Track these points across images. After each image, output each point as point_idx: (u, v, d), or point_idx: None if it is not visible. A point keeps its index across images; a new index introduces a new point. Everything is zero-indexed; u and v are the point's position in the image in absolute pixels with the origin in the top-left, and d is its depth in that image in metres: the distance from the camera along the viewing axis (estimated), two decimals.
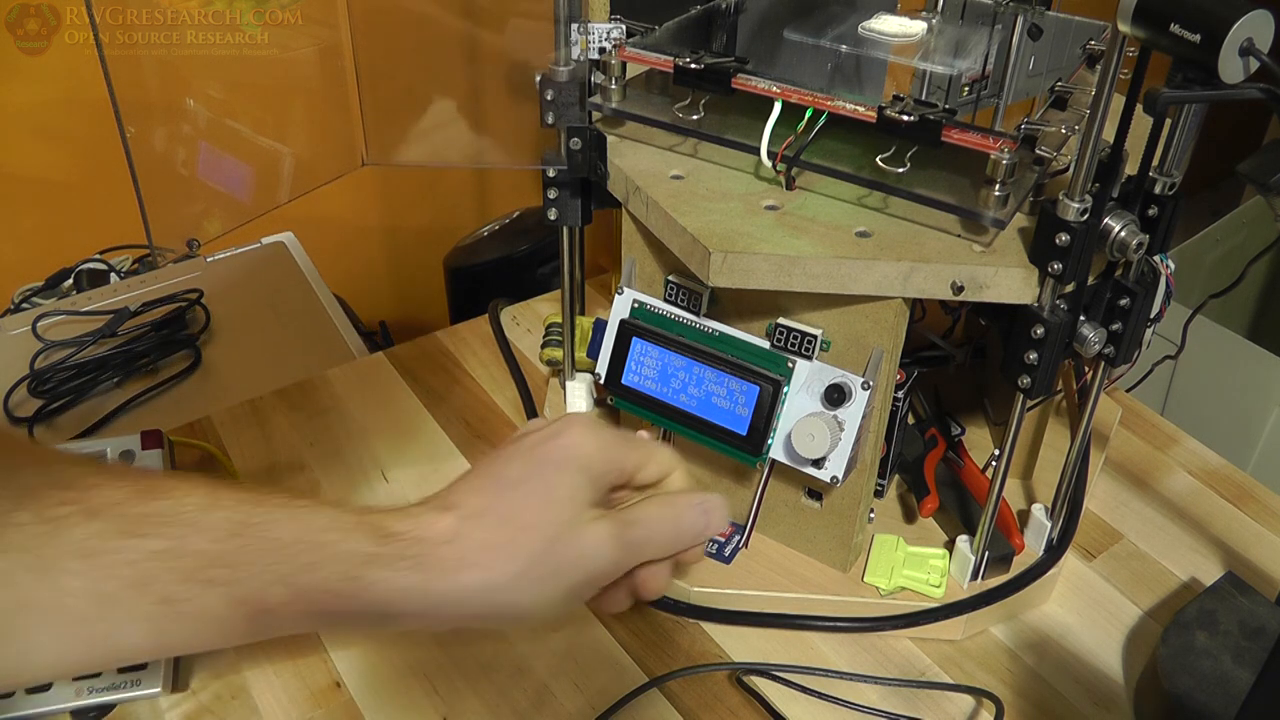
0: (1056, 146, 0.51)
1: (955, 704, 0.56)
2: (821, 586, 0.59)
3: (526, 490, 0.43)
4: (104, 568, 0.36)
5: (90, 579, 0.36)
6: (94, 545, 0.36)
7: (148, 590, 0.37)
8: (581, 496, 0.44)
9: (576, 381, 0.69)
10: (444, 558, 0.41)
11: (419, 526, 0.41)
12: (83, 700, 0.52)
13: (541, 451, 0.44)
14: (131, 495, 0.37)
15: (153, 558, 0.37)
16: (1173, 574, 0.64)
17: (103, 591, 0.36)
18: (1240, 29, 0.39)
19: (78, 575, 0.36)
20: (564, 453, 0.44)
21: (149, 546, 0.37)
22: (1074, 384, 0.67)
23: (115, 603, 0.37)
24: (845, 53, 0.63)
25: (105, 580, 0.36)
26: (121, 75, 0.53)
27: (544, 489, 0.43)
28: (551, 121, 0.57)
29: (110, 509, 0.37)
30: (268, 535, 0.39)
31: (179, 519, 0.38)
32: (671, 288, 0.57)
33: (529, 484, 0.43)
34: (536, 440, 0.45)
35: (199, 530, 0.38)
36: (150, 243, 0.56)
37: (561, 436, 0.44)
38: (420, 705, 0.55)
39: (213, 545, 0.38)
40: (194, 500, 0.38)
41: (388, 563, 0.40)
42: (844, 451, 0.53)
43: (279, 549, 0.39)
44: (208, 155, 0.61)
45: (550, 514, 0.43)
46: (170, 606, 0.37)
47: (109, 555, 0.36)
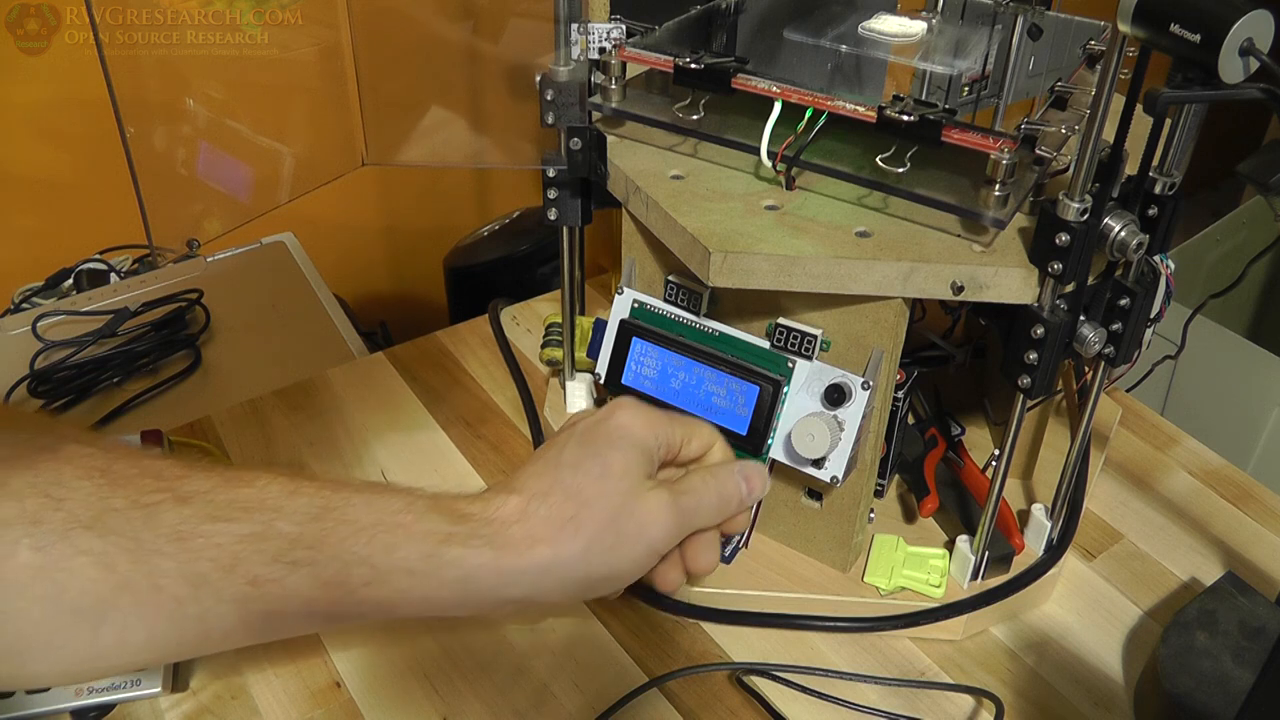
0: (1056, 146, 0.51)
1: (955, 704, 0.56)
2: (821, 586, 0.59)
3: (585, 469, 0.45)
4: (195, 550, 0.38)
5: (182, 560, 0.38)
6: (185, 529, 0.38)
7: (236, 571, 0.38)
8: (636, 471, 0.46)
9: (576, 381, 0.69)
10: (515, 536, 0.43)
11: (489, 508, 0.44)
12: (83, 700, 0.52)
13: (595, 434, 0.47)
14: (218, 484, 0.39)
15: (240, 541, 0.39)
16: (1173, 574, 0.64)
17: (195, 572, 0.38)
18: (1240, 29, 0.39)
19: (171, 558, 0.37)
20: (616, 432, 0.47)
21: (236, 530, 0.39)
22: (1074, 384, 0.67)
23: (206, 583, 0.38)
24: (845, 53, 0.63)
25: (196, 562, 0.38)
26: (121, 75, 0.53)
27: (601, 467, 0.46)
28: (551, 121, 0.57)
29: (199, 496, 0.39)
30: (347, 518, 0.41)
31: (264, 504, 0.39)
32: (671, 288, 0.57)
33: (587, 464, 0.46)
34: (588, 425, 0.48)
35: (283, 515, 0.39)
36: (150, 243, 0.56)
37: (611, 419, 0.48)
38: (420, 705, 0.55)
39: (296, 528, 0.40)
40: (276, 488, 0.40)
41: (462, 541, 0.42)
42: (844, 451, 0.53)
43: (359, 530, 0.41)
44: (208, 155, 0.61)
45: (610, 488, 0.45)
46: (259, 588, 0.39)
47: (199, 539, 0.38)
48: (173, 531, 0.38)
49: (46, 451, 0.37)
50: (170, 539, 0.37)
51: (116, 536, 0.37)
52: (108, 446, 0.39)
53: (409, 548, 0.41)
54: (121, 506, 0.37)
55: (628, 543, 0.45)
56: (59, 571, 0.36)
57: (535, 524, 0.44)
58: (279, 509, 0.40)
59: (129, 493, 0.37)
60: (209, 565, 0.38)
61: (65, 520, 0.36)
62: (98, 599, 0.37)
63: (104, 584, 0.37)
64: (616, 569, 0.45)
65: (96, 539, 0.36)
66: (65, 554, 0.36)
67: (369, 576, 0.41)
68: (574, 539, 0.44)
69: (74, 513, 0.36)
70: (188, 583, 0.38)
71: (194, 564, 0.38)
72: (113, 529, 0.37)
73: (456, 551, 0.42)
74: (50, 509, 0.36)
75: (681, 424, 0.50)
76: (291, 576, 0.39)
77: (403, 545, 0.41)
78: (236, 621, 0.40)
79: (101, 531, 0.36)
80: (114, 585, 0.37)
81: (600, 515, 0.45)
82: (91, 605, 0.37)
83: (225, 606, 0.39)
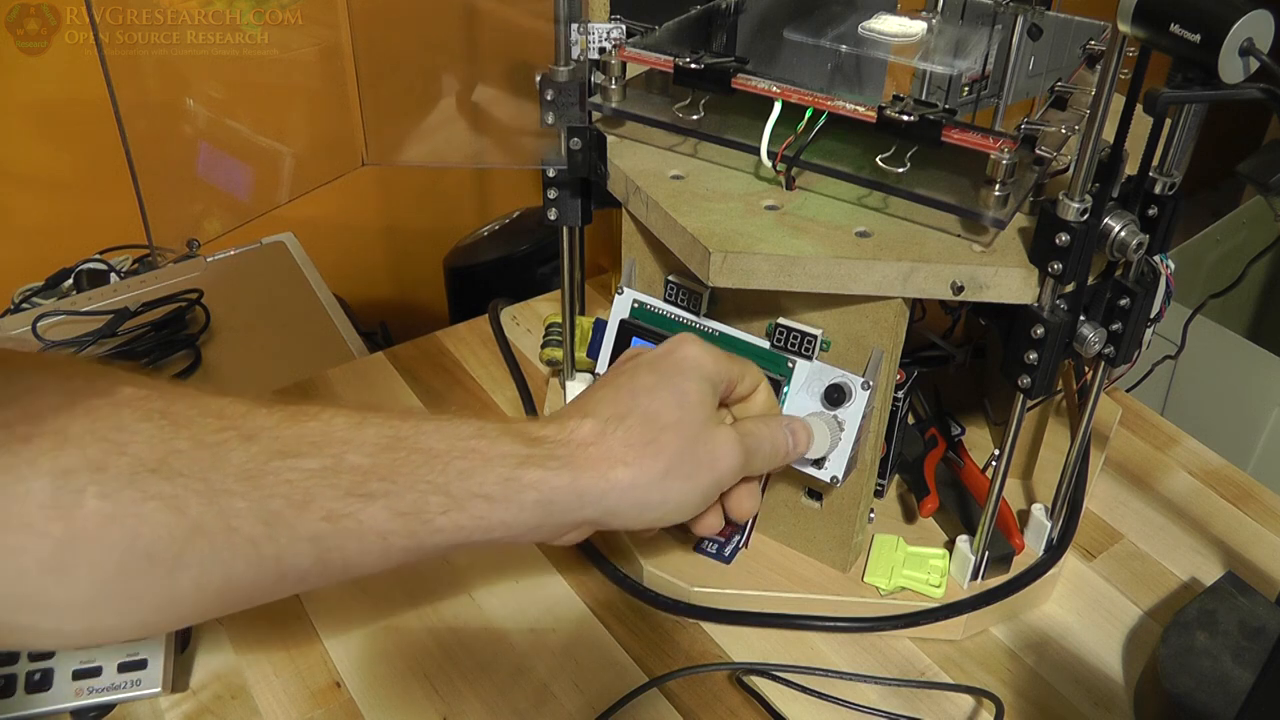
0: (1056, 146, 0.51)
1: (955, 704, 0.56)
2: (821, 586, 0.59)
3: (662, 396, 0.45)
4: (266, 488, 0.37)
5: (254, 499, 0.36)
6: (254, 467, 0.37)
7: (310, 507, 0.37)
8: (709, 402, 0.47)
9: (576, 381, 0.69)
10: (593, 457, 0.43)
11: (563, 431, 0.43)
12: (83, 700, 0.52)
13: (665, 364, 0.47)
14: (282, 419, 0.38)
15: (311, 476, 0.37)
16: (1173, 574, 0.64)
17: (268, 510, 0.37)
18: (1240, 29, 0.39)
19: (242, 497, 0.36)
20: (687, 363, 0.47)
21: (307, 465, 0.37)
22: (1074, 384, 0.67)
23: (281, 521, 0.37)
24: (845, 53, 0.63)
25: (269, 500, 0.37)
26: (121, 75, 0.53)
27: (678, 394, 0.45)
28: (551, 121, 0.57)
29: (264, 432, 0.37)
30: (420, 446, 0.40)
31: (332, 437, 0.38)
32: (671, 288, 0.57)
33: (661, 390, 0.45)
34: (656, 356, 0.48)
35: (353, 447, 0.38)
36: (150, 243, 0.56)
37: (679, 351, 0.48)
38: (420, 705, 0.55)
39: (368, 460, 0.39)
40: (342, 420, 0.39)
41: (540, 463, 0.42)
42: (844, 451, 0.53)
43: (433, 458, 0.40)
44: (208, 155, 0.61)
45: (687, 416, 0.45)
46: (334, 523, 0.38)
47: (269, 475, 0.37)
48: (241, 470, 0.36)
49: (102, 396, 0.35)
50: (239, 478, 0.36)
51: (185, 478, 0.35)
52: (163, 388, 0.37)
53: (486, 472, 0.41)
54: (186, 448, 0.36)
55: (702, 471, 0.45)
56: (129, 518, 0.34)
57: (613, 445, 0.43)
58: (348, 441, 0.38)
59: (192, 433, 0.36)
60: (282, 503, 0.37)
61: (130, 465, 0.35)
62: (172, 543, 0.35)
63: (177, 528, 0.35)
64: (688, 497, 0.45)
65: (164, 482, 0.35)
66: (134, 499, 0.34)
67: (446, 504, 0.40)
68: (654, 462, 0.43)
69: (139, 456, 0.35)
70: (262, 522, 0.37)
71: (267, 502, 0.37)
72: (180, 471, 0.35)
73: (535, 474, 0.41)
74: (114, 454, 0.34)
75: (738, 363, 0.50)
76: (367, 509, 0.38)
77: (479, 470, 0.40)
78: (313, 561, 0.38)
79: (168, 474, 0.35)
80: (187, 528, 0.35)
81: (679, 441, 0.44)
82: (166, 550, 0.35)
83: (301, 545, 0.38)
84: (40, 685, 0.51)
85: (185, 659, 0.56)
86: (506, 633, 0.59)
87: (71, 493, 0.34)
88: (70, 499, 0.34)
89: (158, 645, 0.53)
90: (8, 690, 0.51)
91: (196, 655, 0.57)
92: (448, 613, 0.60)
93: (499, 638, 0.58)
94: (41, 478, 0.33)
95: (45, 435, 0.34)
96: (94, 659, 0.52)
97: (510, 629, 0.59)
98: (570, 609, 0.60)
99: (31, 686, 0.51)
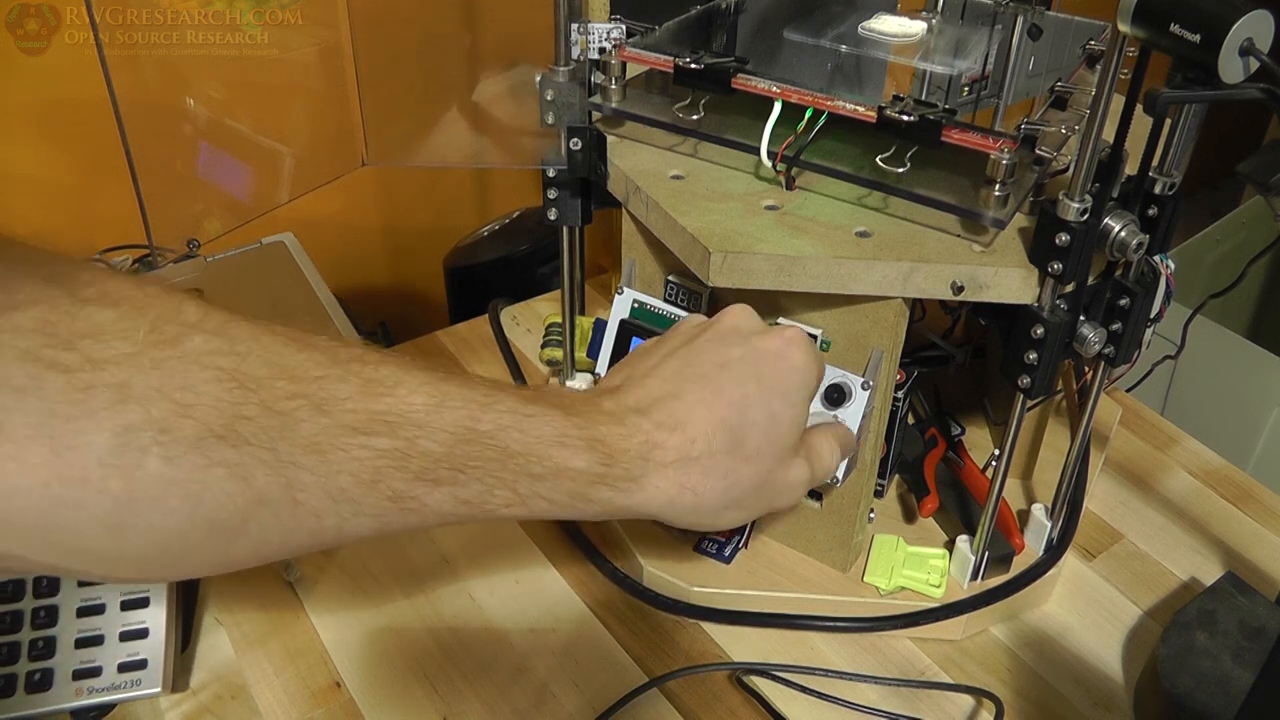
0: (1056, 146, 0.51)
1: (955, 704, 0.56)
2: (821, 586, 0.59)
3: (756, 415, 0.44)
4: (335, 463, 0.36)
5: (321, 474, 0.36)
6: (323, 440, 0.36)
7: (377, 487, 0.37)
8: (798, 430, 0.45)
9: (576, 381, 0.69)
10: (667, 478, 0.42)
11: (647, 446, 0.42)
12: (83, 700, 0.52)
13: (770, 371, 0.45)
14: (357, 391, 0.37)
15: (381, 456, 0.37)
16: (1173, 574, 0.64)
17: (335, 486, 0.36)
18: (1240, 29, 0.39)
19: (309, 471, 0.35)
20: (794, 375, 0.45)
21: (377, 445, 0.37)
22: (1074, 384, 0.67)
23: (346, 498, 0.36)
24: (845, 53, 0.63)
25: (337, 476, 0.36)
26: (121, 75, 0.53)
27: (772, 418, 0.44)
28: (551, 121, 0.57)
29: (337, 404, 0.36)
30: (496, 443, 0.39)
31: (407, 419, 0.37)
32: (671, 288, 0.57)
33: (758, 409, 0.44)
34: (759, 353, 0.45)
35: (427, 432, 0.38)
36: (150, 243, 0.56)
37: (788, 355, 0.45)
38: (420, 705, 0.55)
39: (443, 449, 0.38)
40: (420, 399, 0.38)
41: (613, 483, 0.41)
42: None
43: (507, 458, 0.39)
44: (208, 155, 0.61)
45: (772, 446, 0.44)
46: (399, 503, 0.38)
47: (339, 451, 0.36)
48: (310, 443, 0.35)
49: (170, 347, 0.34)
50: (308, 450, 0.35)
51: (251, 447, 0.34)
52: (236, 338, 0.36)
53: (557, 484, 0.40)
54: (255, 414, 0.34)
55: (763, 503, 0.45)
56: (193, 484, 0.33)
57: (691, 473, 0.42)
58: (423, 425, 0.38)
59: (262, 398, 0.35)
60: (349, 480, 0.36)
61: (196, 429, 0.33)
62: (235, 512, 0.34)
63: (241, 497, 0.34)
64: (738, 520, 0.45)
65: (231, 449, 0.34)
66: (199, 465, 0.33)
67: (510, 500, 0.40)
68: (721, 496, 0.43)
69: (205, 420, 0.33)
70: (328, 496, 0.36)
71: (335, 478, 0.36)
72: (247, 439, 0.34)
73: (605, 493, 0.41)
74: (179, 415, 0.33)
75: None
76: (433, 494, 0.38)
77: (550, 480, 0.40)
78: (371, 532, 0.38)
79: (235, 441, 0.34)
80: (251, 499, 0.35)
81: (755, 476, 0.44)
82: (229, 519, 0.35)
83: (363, 519, 0.37)
84: (40, 685, 0.51)
85: (185, 659, 0.56)
86: (506, 633, 0.59)
87: (135, 452, 0.33)
88: (132, 458, 0.33)
89: (158, 645, 0.53)
90: (8, 690, 0.51)
91: (196, 655, 0.57)
92: (448, 613, 0.60)
93: (499, 638, 0.58)
94: (102, 432, 0.32)
95: (108, 387, 0.32)
96: (94, 659, 0.52)
97: (510, 629, 0.59)
98: (570, 609, 0.60)
99: (31, 686, 0.51)
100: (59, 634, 0.52)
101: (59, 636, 0.52)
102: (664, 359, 0.46)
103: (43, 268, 0.34)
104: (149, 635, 0.53)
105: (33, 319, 0.32)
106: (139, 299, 0.35)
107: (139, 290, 0.35)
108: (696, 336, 0.47)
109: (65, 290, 0.34)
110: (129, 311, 0.34)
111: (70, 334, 0.33)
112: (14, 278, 0.33)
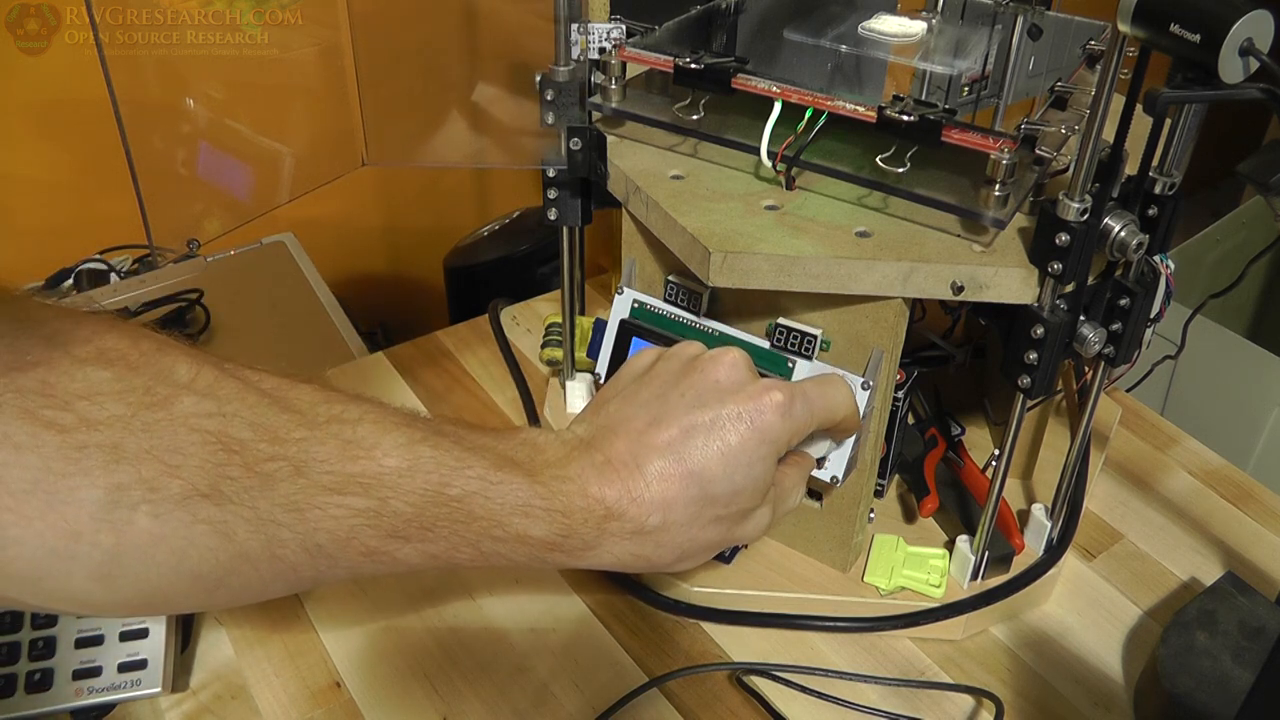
0: (1056, 146, 0.51)
1: (955, 704, 0.56)
2: (821, 586, 0.59)
3: (716, 496, 0.45)
4: (312, 521, 0.38)
5: (300, 531, 0.38)
6: (302, 500, 0.38)
7: (351, 544, 0.39)
8: (762, 493, 0.47)
9: (576, 381, 0.69)
10: (621, 547, 0.44)
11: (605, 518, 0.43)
12: (83, 700, 0.52)
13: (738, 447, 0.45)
14: (335, 453, 0.39)
15: (356, 515, 0.39)
16: (1173, 574, 0.64)
17: (312, 544, 0.39)
18: (1240, 29, 0.39)
19: (288, 528, 0.38)
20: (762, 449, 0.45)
21: (353, 505, 0.39)
22: (1074, 384, 0.67)
23: (323, 554, 0.39)
24: (845, 53, 0.63)
25: (314, 534, 0.38)
26: (121, 75, 0.53)
27: (734, 495, 0.45)
28: (551, 121, 0.57)
29: (315, 465, 0.38)
30: (463, 508, 0.41)
31: (381, 481, 0.40)
32: (671, 288, 0.57)
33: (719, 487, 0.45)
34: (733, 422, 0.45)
35: (399, 494, 0.40)
36: (150, 243, 0.56)
37: (760, 426, 0.45)
38: (420, 705, 0.55)
39: (412, 510, 0.40)
40: (394, 462, 0.40)
41: (568, 550, 0.43)
42: (844, 452, 0.53)
43: (472, 521, 0.41)
44: (208, 155, 0.61)
45: (731, 514, 0.46)
46: (370, 558, 0.40)
47: (316, 510, 0.38)
48: (289, 502, 0.38)
49: (161, 409, 0.36)
50: (287, 509, 0.38)
51: (234, 505, 0.37)
52: (223, 398, 0.38)
53: (518, 548, 0.43)
54: (238, 474, 0.37)
55: (717, 549, 0.47)
56: (178, 539, 0.36)
57: (645, 544, 0.44)
58: (396, 488, 0.40)
59: (245, 459, 0.37)
60: (326, 537, 0.39)
61: (183, 488, 0.36)
62: (217, 565, 0.37)
63: (223, 552, 0.37)
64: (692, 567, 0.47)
65: (215, 508, 0.36)
66: (184, 521, 0.36)
67: (473, 556, 0.42)
68: (674, 560, 0.45)
69: (191, 480, 0.36)
70: (305, 552, 0.39)
71: (312, 535, 0.38)
72: (230, 498, 0.37)
73: (560, 557, 0.43)
74: (167, 476, 0.36)
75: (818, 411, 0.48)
76: (403, 549, 0.40)
77: (510, 542, 0.42)
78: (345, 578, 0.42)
79: (219, 500, 0.36)
80: (233, 554, 0.37)
81: (716, 536, 0.46)
82: (211, 572, 0.37)
83: (339, 572, 0.40)
84: (40, 685, 0.51)
85: (185, 659, 0.56)
86: (506, 633, 0.59)
87: (125, 508, 0.35)
88: (123, 515, 0.35)
89: (158, 645, 0.53)
90: (8, 690, 0.51)
91: (196, 655, 0.57)
92: (448, 613, 0.60)
93: (499, 638, 0.58)
94: (95, 489, 0.34)
95: (101, 448, 0.35)
96: (94, 659, 0.52)
97: (510, 629, 0.59)
98: (570, 609, 0.60)
99: (31, 686, 0.51)
100: (59, 634, 0.52)
101: (59, 636, 0.52)
102: (638, 409, 0.46)
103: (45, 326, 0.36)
104: (149, 635, 0.53)
105: (34, 380, 0.34)
106: (133, 358, 0.37)
107: (134, 348, 0.37)
108: (677, 383, 0.47)
109: (64, 350, 0.36)
110: (123, 372, 0.37)
111: (68, 395, 0.35)
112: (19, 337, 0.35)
